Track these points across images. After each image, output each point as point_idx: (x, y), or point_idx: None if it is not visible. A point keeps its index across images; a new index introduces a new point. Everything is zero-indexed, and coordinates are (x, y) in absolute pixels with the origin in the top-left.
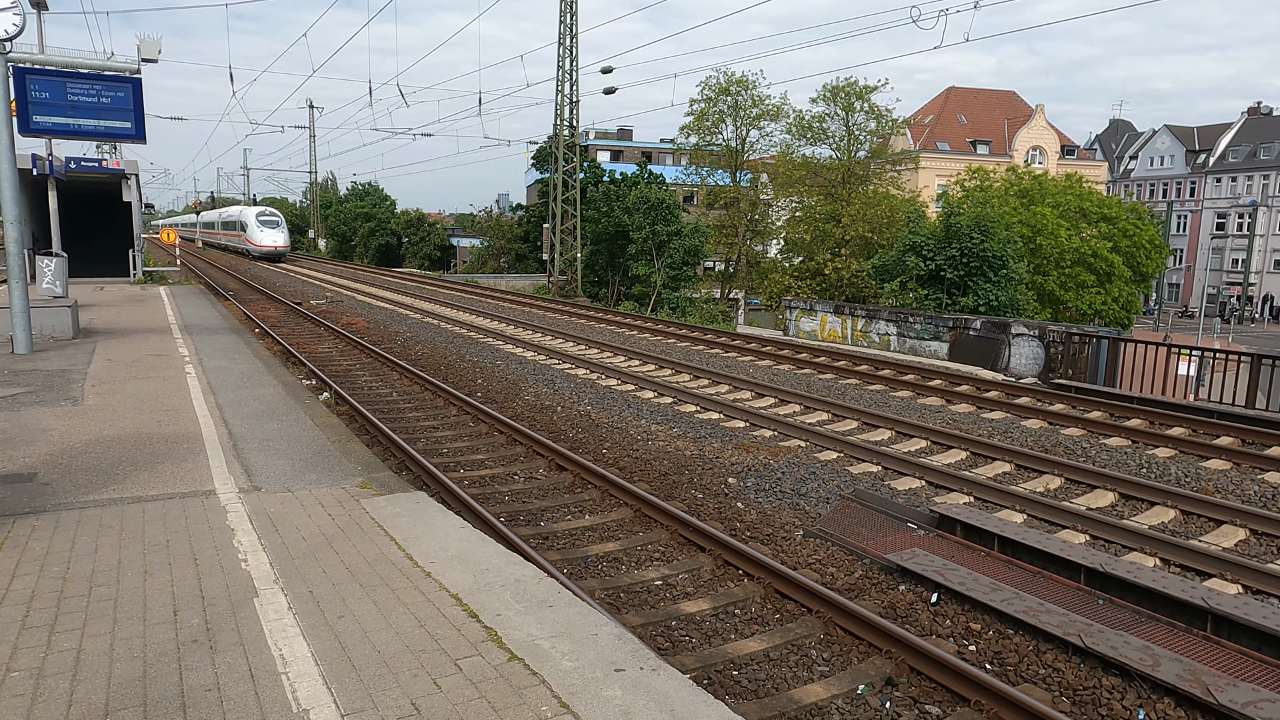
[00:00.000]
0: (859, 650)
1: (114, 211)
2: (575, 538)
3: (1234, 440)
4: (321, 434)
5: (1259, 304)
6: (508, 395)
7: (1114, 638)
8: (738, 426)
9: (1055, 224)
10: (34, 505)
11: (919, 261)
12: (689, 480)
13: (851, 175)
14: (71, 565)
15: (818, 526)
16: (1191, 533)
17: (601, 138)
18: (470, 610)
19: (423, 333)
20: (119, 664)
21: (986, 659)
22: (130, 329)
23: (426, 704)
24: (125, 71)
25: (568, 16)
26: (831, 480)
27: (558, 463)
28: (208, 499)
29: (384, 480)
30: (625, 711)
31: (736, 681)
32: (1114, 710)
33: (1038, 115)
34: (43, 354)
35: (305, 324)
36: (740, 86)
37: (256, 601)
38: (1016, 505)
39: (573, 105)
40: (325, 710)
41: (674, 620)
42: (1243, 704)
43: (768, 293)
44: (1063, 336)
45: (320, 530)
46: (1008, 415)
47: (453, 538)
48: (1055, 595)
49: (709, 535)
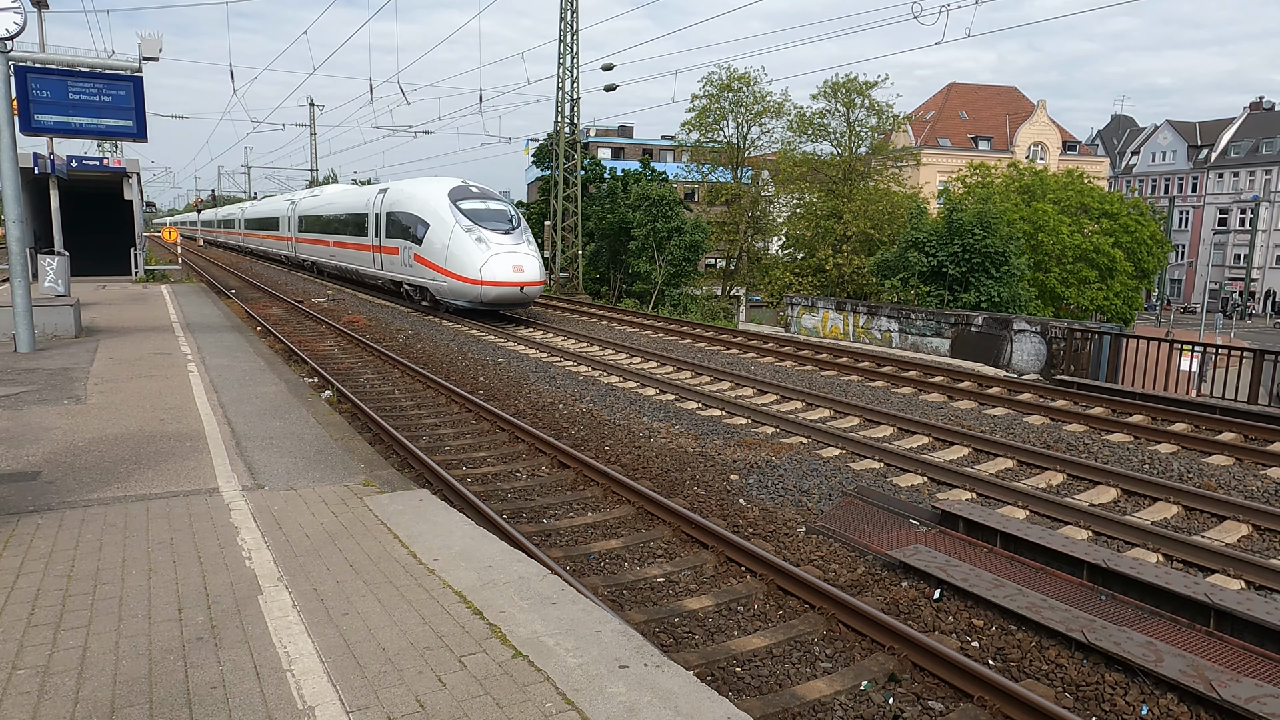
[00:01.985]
0: (862, 646)
1: (115, 210)
2: (578, 535)
3: (1236, 436)
4: (324, 432)
5: (1261, 299)
6: (510, 392)
7: (1117, 633)
8: (740, 423)
9: (1057, 220)
10: (38, 504)
11: (921, 258)
12: (691, 477)
13: (853, 171)
14: (76, 563)
15: (820, 523)
16: (1194, 528)
17: (602, 135)
18: (474, 607)
19: (424, 330)
20: (124, 661)
21: (989, 655)
22: (132, 327)
23: (431, 701)
24: (126, 70)
25: (568, 14)
26: (834, 477)
27: (560, 460)
28: (211, 497)
29: (387, 478)
30: (629, 708)
31: (740, 678)
32: (1117, 706)
33: (1039, 111)
34: (45, 353)
35: (307, 322)
36: (742, 83)
37: (261, 599)
38: (1019, 501)
39: (574, 102)
40: (330, 707)
41: (677, 617)
42: (1245, 699)
43: (769, 289)
44: (1064, 333)
45: (324, 528)
46: (1010, 411)
47: (456, 535)
48: (1058, 591)
49: (711, 532)
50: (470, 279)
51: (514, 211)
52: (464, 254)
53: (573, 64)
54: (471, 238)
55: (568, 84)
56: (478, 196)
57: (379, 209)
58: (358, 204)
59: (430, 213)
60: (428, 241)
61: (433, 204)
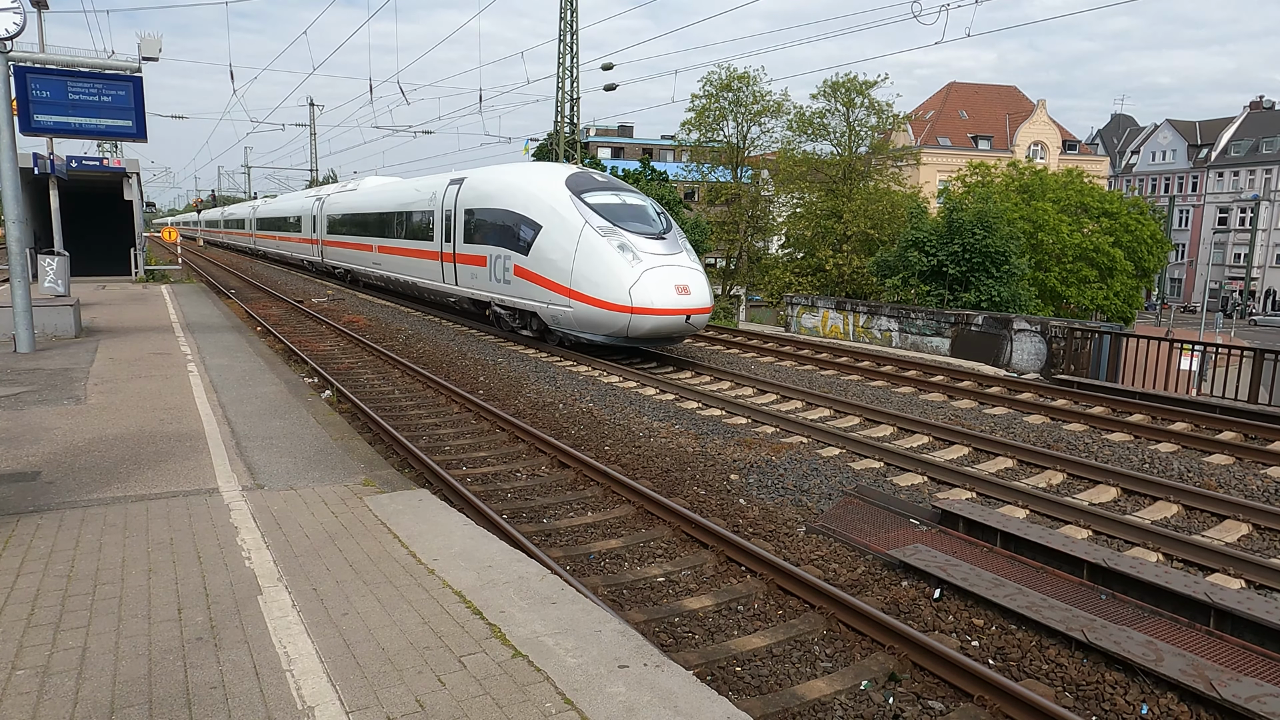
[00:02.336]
0: (862, 646)
1: (115, 210)
2: (578, 534)
3: (1236, 435)
4: (324, 432)
5: (1261, 299)
6: (510, 392)
7: (1117, 633)
8: (740, 423)
9: (1057, 219)
10: (38, 504)
11: (921, 257)
12: (691, 477)
13: (852, 171)
14: (76, 564)
15: (820, 522)
16: (1194, 528)
17: (602, 134)
18: (474, 607)
19: (424, 330)
20: (124, 662)
21: (989, 654)
22: (132, 327)
23: (431, 701)
24: (126, 70)
25: (568, 13)
26: (834, 476)
27: (560, 460)
28: (211, 497)
29: (387, 478)
30: (629, 708)
31: (740, 677)
32: (1117, 705)
33: (1039, 110)
34: (45, 353)
35: (307, 322)
36: (741, 82)
37: (260, 599)
38: (1019, 501)
39: (573, 102)
40: (330, 708)
41: (677, 617)
42: (1246, 699)
43: (769, 289)
44: (1064, 332)
45: (323, 528)
46: (1010, 411)
47: (456, 535)
48: (1058, 591)
49: (711, 532)
50: (613, 305)
51: (658, 208)
52: (602, 268)
53: (573, 63)
54: (612, 245)
55: (567, 83)
56: (607, 187)
57: (452, 205)
58: (417, 199)
59: (542, 209)
60: (538, 250)
61: (545, 197)
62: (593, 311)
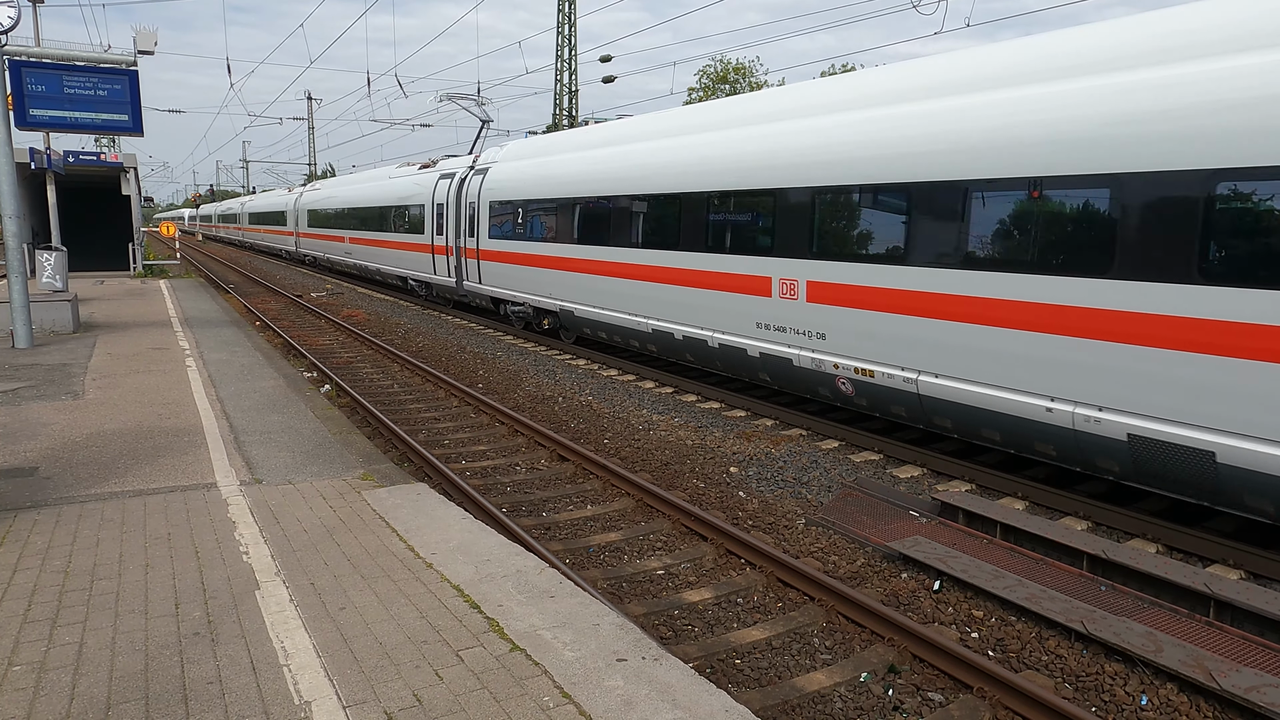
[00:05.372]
0: (861, 638)
1: (113, 205)
2: (577, 528)
3: None
4: (322, 426)
5: None
6: (509, 386)
7: (1117, 624)
8: (739, 415)
9: None
10: (35, 499)
11: None
12: (691, 469)
13: None
14: (73, 559)
15: (819, 515)
16: (1193, 518)
17: None
18: (472, 601)
19: (423, 324)
20: (121, 657)
21: (989, 646)
22: (131, 323)
23: (428, 695)
24: (122, 64)
25: (566, 4)
26: (833, 468)
27: (559, 453)
28: (209, 492)
29: (385, 472)
30: (627, 701)
31: (739, 670)
32: (1117, 696)
33: None
34: (43, 348)
35: (306, 316)
36: (738, 74)
37: (258, 594)
38: (1019, 492)
39: (571, 94)
40: (327, 702)
41: (676, 609)
42: (1245, 689)
43: None
44: None
45: (321, 522)
46: None
47: (454, 529)
48: (1058, 582)
49: (711, 524)
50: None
51: None
52: None
53: (570, 55)
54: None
55: (565, 75)
56: None
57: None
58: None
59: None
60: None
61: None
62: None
